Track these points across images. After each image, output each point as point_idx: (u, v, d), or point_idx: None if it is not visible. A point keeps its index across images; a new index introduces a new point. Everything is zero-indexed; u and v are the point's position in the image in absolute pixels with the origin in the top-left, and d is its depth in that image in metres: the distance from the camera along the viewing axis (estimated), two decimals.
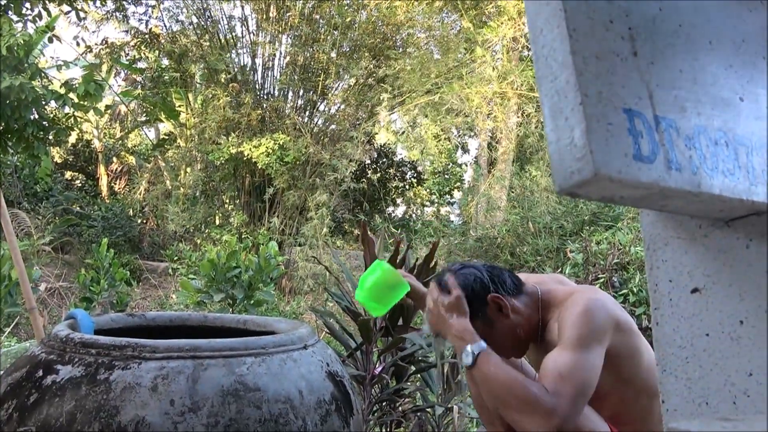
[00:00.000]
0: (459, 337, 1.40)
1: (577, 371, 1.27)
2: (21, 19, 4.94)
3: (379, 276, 1.72)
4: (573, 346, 1.31)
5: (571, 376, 1.27)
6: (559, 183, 0.73)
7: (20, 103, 5.11)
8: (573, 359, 1.29)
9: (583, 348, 1.30)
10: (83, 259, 7.20)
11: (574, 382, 1.26)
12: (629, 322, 1.42)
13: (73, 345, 1.29)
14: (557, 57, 0.73)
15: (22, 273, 2.71)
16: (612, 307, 1.40)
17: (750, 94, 0.86)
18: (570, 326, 1.35)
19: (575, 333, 1.33)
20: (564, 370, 1.27)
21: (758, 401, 0.84)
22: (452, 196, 12.98)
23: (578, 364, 1.28)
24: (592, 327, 1.33)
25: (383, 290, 1.72)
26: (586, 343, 1.31)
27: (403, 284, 1.72)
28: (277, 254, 4.68)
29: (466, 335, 1.39)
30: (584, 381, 1.27)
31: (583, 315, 1.35)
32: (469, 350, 1.36)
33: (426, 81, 7.66)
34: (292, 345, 1.44)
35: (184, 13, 9.07)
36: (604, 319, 1.35)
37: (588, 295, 1.40)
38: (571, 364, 1.28)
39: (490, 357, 1.34)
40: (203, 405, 1.20)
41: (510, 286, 1.48)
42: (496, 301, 1.45)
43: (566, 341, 1.33)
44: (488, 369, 1.32)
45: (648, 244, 1.01)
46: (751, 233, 0.86)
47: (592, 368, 1.29)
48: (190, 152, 9.12)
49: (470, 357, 1.35)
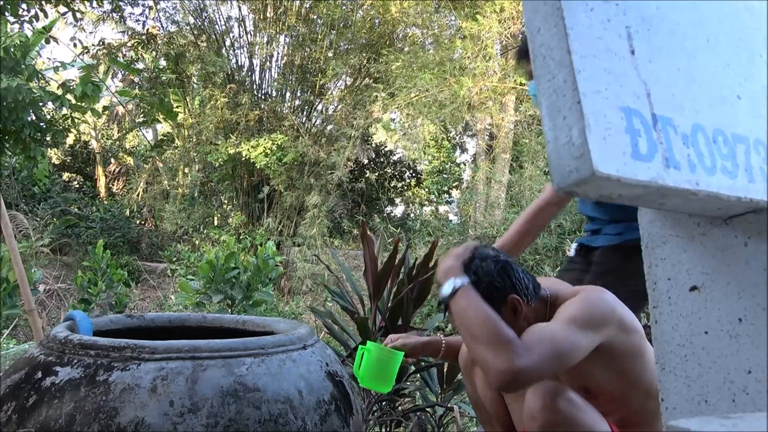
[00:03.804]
0: (445, 272, 1.39)
1: (559, 339, 1.25)
2: (18, 21, 4.93)
3: (369, 357, 1.76)
4: (564, 321, 1.30)
5: (551, 340, 1.25)
6: (557, 182, 0.73)
7: (17, 104, 5.10)
8: (559, 329, 1.28)
9: (574, 324, 1.29)
10: (82, 261, 7.19)
11: (551, 346, 1.24)
12: (635, 323, 1.42)
13: (72, 346, 1.29)
14: (555, 56, 0.73)
15: (21, 275, 2.70)
16: (617, 306, 1.40)
17: (747, 92, 0.87)
18: (568, 308, 1.34)
19: (572, 312, 1.32)
20: (544, 334, 1.26)
21: (757, 399, 0.85)
22: (450, 195, 12.98)
23: (563, 334, 1.27)
24: (592, 313, 1.33)
25: (379, 368, 1.76)
26: (579, 323, 1.30)
27: (394, 354, 1.76)
28: (275, 254, 4.67)
29: (452, 271, 1.38)
30: (561, 349, 1.25)
31: (585, 302, 1.35)
32: (450, 282, 1.35)
33: (420, 77, 7.64)
34: (292, 345, 1.44)
35: (180, 14, 9.06)
36: (604, 311, 1.35)
37: (595, 293, 1.41)
38: (554, 332, 1.27)
39: (470, 292, 1.33)
40: (203, 406, 1.20)
41: (531, 292, 1.46)
42: (514, 303, 1.43)
43: (560, 317, 1.33)
44: (467, 302, 1.31)
45: (646, 243, 1.01)
46: (750, 231, 0.86)
47: (574, 344, 1.27)
48: (188, 153, 9.11)
49: (450, 288, 1.34)
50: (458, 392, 2.67)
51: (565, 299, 1.44)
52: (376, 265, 2.53)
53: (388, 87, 8.30)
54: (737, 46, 0.88)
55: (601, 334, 1.33)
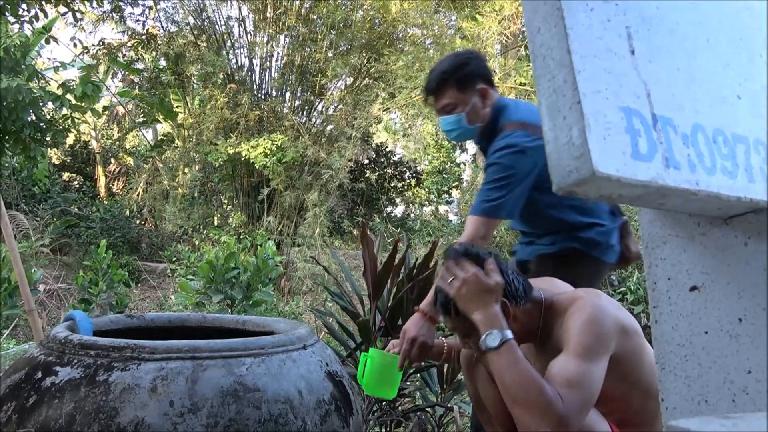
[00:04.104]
0: (489, 321, 1.38)
1: (585, 382, 1.28)
2: (18, 21, 4.93)
3: (372, 364, 1.78)
4: (580, 355, 1.32)
5: (579, 385, 1.28)
6: (557, 182, 0.73)
7: (17, 104, 5.11)
8: (581, 369, 1.30)
9: (589, 358, 1.31)
10: (82, 261, 7.18)
11: (582, 392, 1.27)
12: (634, 325, 1.43)
13: (72, 346, 1.29)
14: (555, 56, 0.73)
15: (21, 275, 2.70)
16: (616, 312, 1.40)
17: (747, 92, 0.87)
18: (577, 334, 1.35)
19: (582, 342, 1.33)
20: (572, 379, 1.28)
21: (757, 399, 0.84)
22: (450, 195, 12.97)
23: (586, 374, 1.29)
24: (599, 336, 1.34)
25: (383, 374, 1.78)
26: (593, 353, 1.32)
27: (397, 358, 1.77)
28: (275, 254, 4.67)
29: (497, 321, 1.38)
30: (591, 392, 1.29)
31: (589, 323, 1.35)
32: (496, 334, 1.35)
33: (421, 76, 7.63)
34: (292, 345, 1.44)
35: (180, 14, 9.06)
36: (609, 327, 1.36)
37: (593, 301, 1.40)
38: (578, 374, 1.29)
39: (515, 349, 1.33)
40: (203, 406, 1.20)
41: (521, 293, 1.47)
42: (502, 307, 1.44)
43: (573, 349, 1.34)
44: (510, 359, 1.32)
45: (646, 243, 1.01)
46: (750, 231, 0.86)
47: (598, 380, 1.30)
48: (187, 153, 9.10)
49: (497, 341, 1.34)
50: (458, 392, 2.67)
51: (562, 309, 1.44)
52: (375, 266, 2.53)
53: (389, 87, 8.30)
54: (737, 46, 0.88)
55: (611, 350, 1.36)
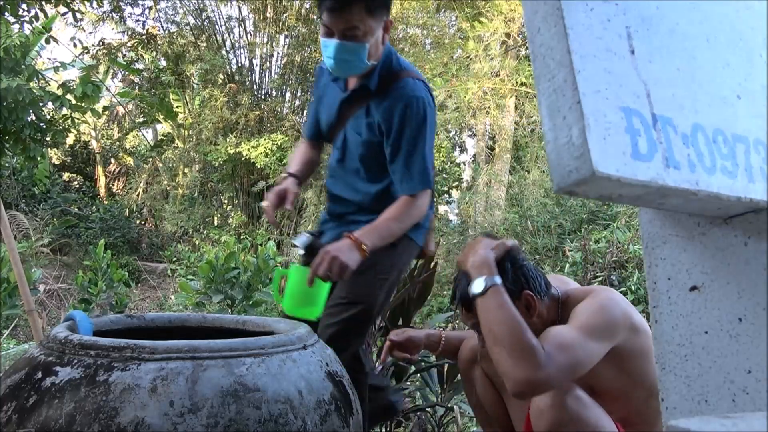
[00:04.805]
0: (478, 266, 1.38)
1: (577, 349, 1.27)
2: (18, 21, 4.93)
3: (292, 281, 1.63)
4: (581, 329, 1.31)
5: (570, 350, 1.26)
6: (557, 182, 0.73)
7: (17, 104, 5.11)
8: (577, 340, 1.29)
9: (590, 334, 1.30)
10: (82, 261, 7.19)
11: (569, 357, 1.25)
12: (644, 324, 1.43)
13: (72, 346, 1.29)
14: (555, 55, 0.73)
15: (21, 275, 2.70)
16: (627, 308, 1.41)
17: (747, 92, 0.87)
18: (584, 313, 1.35)
19: (588, 320, 1.33)
20: (564, 343, 1.27)
21: (757, 399, 0.85)
22: (450, 195, 12.97)
23: (581, 344, 1.28)
24: (606, 321, 1.34)
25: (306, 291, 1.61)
26: (595, 332, 1.31)
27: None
28: (275, 254, 4.68)
29: (485, 268, 1.37)
30: (578, 360, 1.27)
31: (599, 308, 1.35)
32: (482, 280, 1.34)
33: None
34: (292, 345, 1.44)
35: (180, 14, 9.07)
36: (618, 317, 1.36)
37: (607, 294, 1.41)
38: (573, 341, 1.28)
39: (501, 293, 1.33)
40: (203, 406, 1.20)
41: (543, 288, 1.47)
42: (528, 299, 1.43)
43: (577, 322, 1.33)
44: (496, 302, 1.31)
45: (646, 242, 1.01)
46: (749, 231, 0.86)
47: (590, 355, 1.29)
48: (187, 153, 9.11)
49: (482, 286, 1.34)
50: (458, 392, 2.67)
51: (577, 300, 1.44)
52: None
53: None
54: (737, 46, 0.88)
55: (614, 341, 1.35)
